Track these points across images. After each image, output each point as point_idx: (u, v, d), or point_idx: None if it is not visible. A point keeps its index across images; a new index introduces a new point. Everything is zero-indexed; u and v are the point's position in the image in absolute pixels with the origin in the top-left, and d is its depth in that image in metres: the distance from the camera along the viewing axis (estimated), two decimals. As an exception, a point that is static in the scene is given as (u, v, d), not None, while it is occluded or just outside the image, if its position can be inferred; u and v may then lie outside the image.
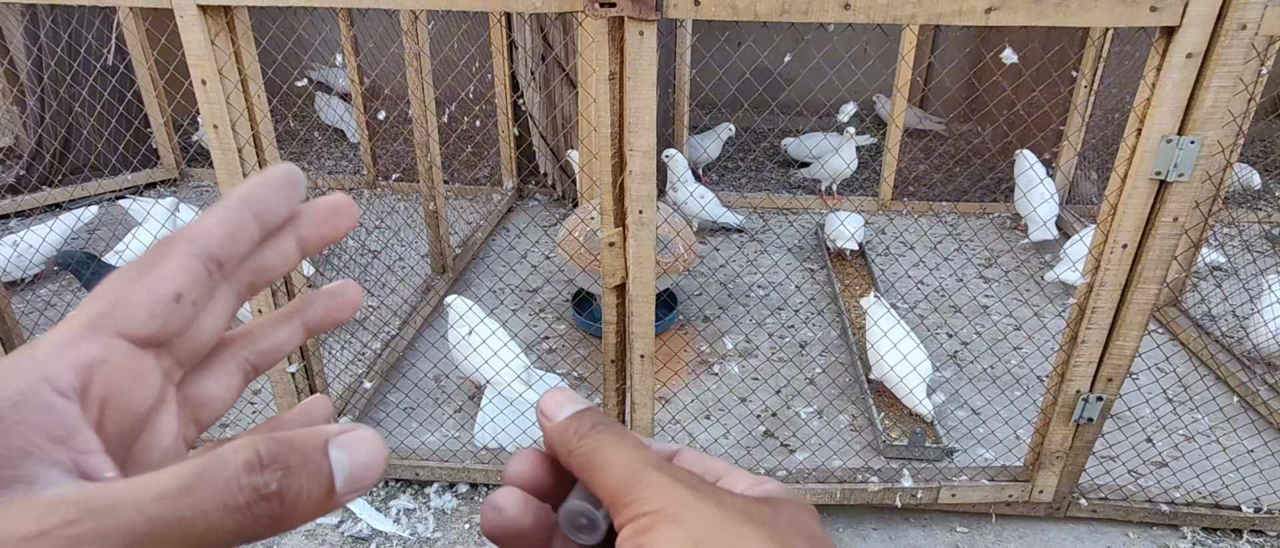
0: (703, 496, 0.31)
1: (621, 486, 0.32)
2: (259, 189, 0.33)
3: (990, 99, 5.19)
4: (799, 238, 4.33)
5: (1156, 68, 1.67)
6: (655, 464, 0.33)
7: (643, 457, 0.33)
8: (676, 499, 0.31)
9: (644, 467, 0.32)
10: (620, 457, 0.33)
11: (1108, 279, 1.90)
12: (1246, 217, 4.42)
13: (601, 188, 1.91)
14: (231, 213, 0.32)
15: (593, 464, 0.34)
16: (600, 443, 0.34)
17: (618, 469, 0.33)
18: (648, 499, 0.31)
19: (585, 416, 0.36)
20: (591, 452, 0.34)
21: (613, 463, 0.33)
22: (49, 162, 4.49)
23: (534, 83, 4.32)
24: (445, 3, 1.80)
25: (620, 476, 0.33)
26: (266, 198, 0.33)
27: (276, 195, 0.34)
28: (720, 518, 0.30)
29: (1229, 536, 2.39)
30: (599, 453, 0.34)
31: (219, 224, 0.32)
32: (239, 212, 0.32)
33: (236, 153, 1.94)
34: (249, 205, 0.33)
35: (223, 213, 0.32)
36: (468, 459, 2.50)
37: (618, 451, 0.34)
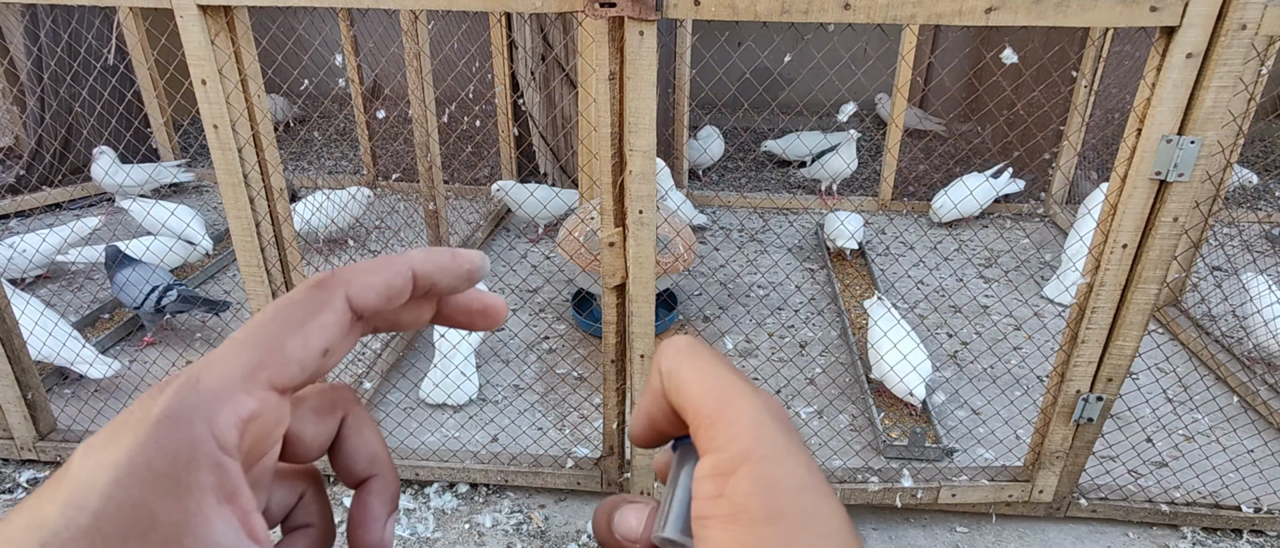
0: (793, 445, 0.29)
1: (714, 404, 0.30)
2: (436, 271, 0.33)
3: (990, 99, 5.19)
4: (799, 238, 4.33)
5: (1156, 68, 1.67)
6: (750, 389, 0.30)
7: (734, 376, 0.31)
8: (767, 442, 0.28)
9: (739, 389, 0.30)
10: (710, 370, 0.31)
11: (1108, 279, 1.90)
12: (1246, 217, 4.42)
13: (601, 188, 1.91)
14: (399, 281, 0.32)
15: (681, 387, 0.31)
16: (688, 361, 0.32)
17: (708, 383, 0.30)
18: (738, 430, 0.29)
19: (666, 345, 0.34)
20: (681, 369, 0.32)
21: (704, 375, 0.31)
22: (49, 162, 4.49)
23: (534, 83, 4.32)
24: (445, 3, 1.80)
25: (711, 391, 0.30)
26: (439, 279, 0.33)
27: (450, 279, 0.34)
28: (807, 481, 0.28)
29: (1229, 536, 2.39)
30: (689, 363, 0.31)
31: (384, 289, 0.31)
32: (406, 282, 0.32)
33: (236, 153, 1.94)
34: (419, 281, 0.33)
35: (389, 275, 0.32)
36: (468, 459, 2.50)
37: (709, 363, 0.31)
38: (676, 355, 0.32)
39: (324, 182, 4.89)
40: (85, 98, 4.41)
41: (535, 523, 2.43)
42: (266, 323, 0.29)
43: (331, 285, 0.30)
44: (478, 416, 2.80)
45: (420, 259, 0.33)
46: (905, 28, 4.08)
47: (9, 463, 2.63)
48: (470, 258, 0.34)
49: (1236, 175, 4.31)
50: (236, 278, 3.73)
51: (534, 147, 4.63)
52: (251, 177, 2.00)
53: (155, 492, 0.25)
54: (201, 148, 5.20)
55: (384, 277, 0.31)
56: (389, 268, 0.32)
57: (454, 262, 0.33)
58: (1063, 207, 4.53)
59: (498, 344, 3.26)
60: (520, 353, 3.21)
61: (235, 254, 2.12)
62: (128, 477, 0.25)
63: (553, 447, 2.57)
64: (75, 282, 3.65)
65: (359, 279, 0.31)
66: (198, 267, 3.79)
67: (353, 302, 0.31)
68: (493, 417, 2.78)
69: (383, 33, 5.01)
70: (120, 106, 4.35)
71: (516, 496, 2.54)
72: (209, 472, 0.26)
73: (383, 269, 0.31)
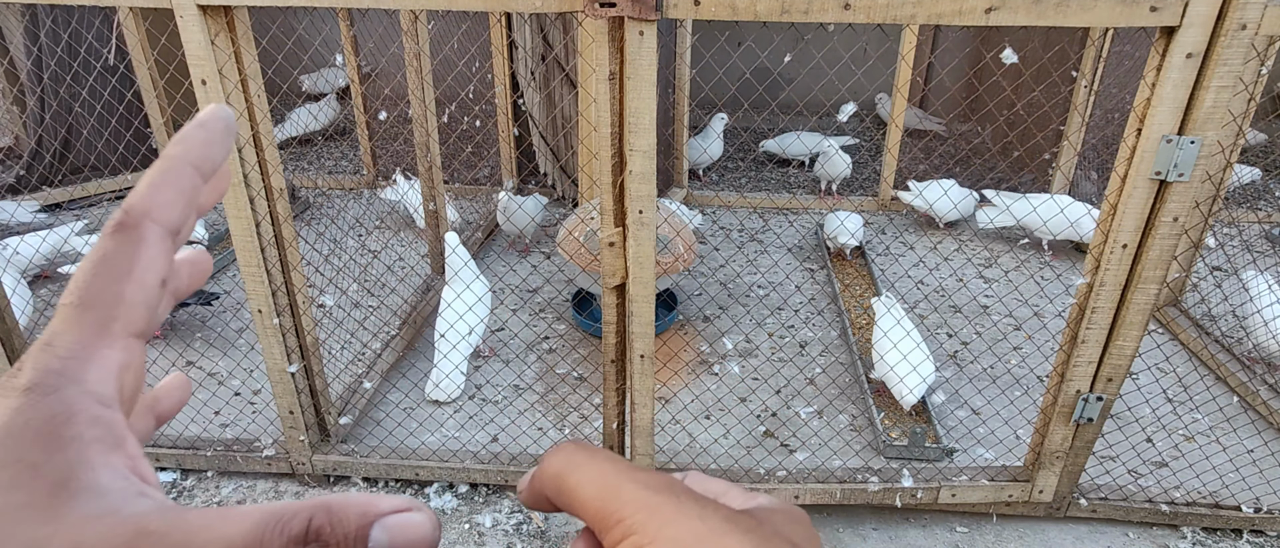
0: (685, 507, 0.29)
1: (600, 504, 0.30)
2: (206, 149, 0.32)
3: (990, 99, 5.19)
4: (799, 238, 4.33)
5: (1156, 68, 1.67)
6: (630, 475, 0.31)
7: (615, 468, 0.31)
8: (658, 515, 0.29)
9: (619, 479, 0.31)
10: (591, 473, 0.31)
11: (1108, 279, 1.90)
12: (1247, 217, 4.42)
13: (601, 188, 1.91)
14: (187, 182, 0.31)
15: (566, 488, 0.32)
16: (569, 464, 0.32)
17: (591, 486, 0.31)
18: (629, 516, 0.29)
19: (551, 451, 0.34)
20: (560, 475, 0.32)
21: (585, 481, 0.31)
22: (49, 162, 4.49)
23: (534, 83, 4.32)
24: (445, 3, 1.80)
25: (595, 491, 0.31)
26: (212, 156, 0.33)
27: (220, 150, 0.33)
28: (703, 530, 0.29)
29: (1229, 536, 2.39)
30: (569, 474, 0.32)
31: (180, 197, 0.31)
32: (193, 179, 0.32)
33: (236, 153, 1.94)
34: (200, 169, 0.32)
35: (180, 183, 0.31)
36: (468, 460, 2.50)
37: (588, 468, 0.31)
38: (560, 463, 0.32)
39: (324, 182, 4.89)
40: (85, 98, 4.41)
41: (535, 523, 2.43)
42: (94, 281, 0.29)
43: (135, 222, 0.30)
44: (478, 416, 2.80)
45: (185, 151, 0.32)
46: (905, 28, 4.08)
47: None
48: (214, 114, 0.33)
49: (1237, 174, 4.31)
50: (236, 278, 3.73)
51: (534, 147, 4.63)
52: (251, 177, 2.00)
53: (35, 447, 0.26)
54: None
55: (176, 188, 0.31)
56: (173, 177, 0.31)
57: (207, 130, 0.33)
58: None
59: (498, 344, 3.26)
60: (520, 353, 3.21)
61: (235, 254, 2.12)
62: (6, 437, 0.26)
63: (553, 447, 2.57)
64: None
65: (158, 204, 0.31)
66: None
67: (164, 226, 0.31)
68: (493, 417, 2.78)
69: (383, 33, 5.01)
70: (120, 106, 4.34)
71: (516, 496, 2.54)
72: (90, 426, 0.27)
73: (171, 181, 0.31)
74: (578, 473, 0.31)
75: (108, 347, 0.29)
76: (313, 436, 2.48)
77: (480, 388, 2.96)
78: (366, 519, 0.28)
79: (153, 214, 0.30)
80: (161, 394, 0.38)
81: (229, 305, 3.50)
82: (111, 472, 0.27)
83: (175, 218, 0.31)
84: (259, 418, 2.74)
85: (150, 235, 0.30)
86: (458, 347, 2.84)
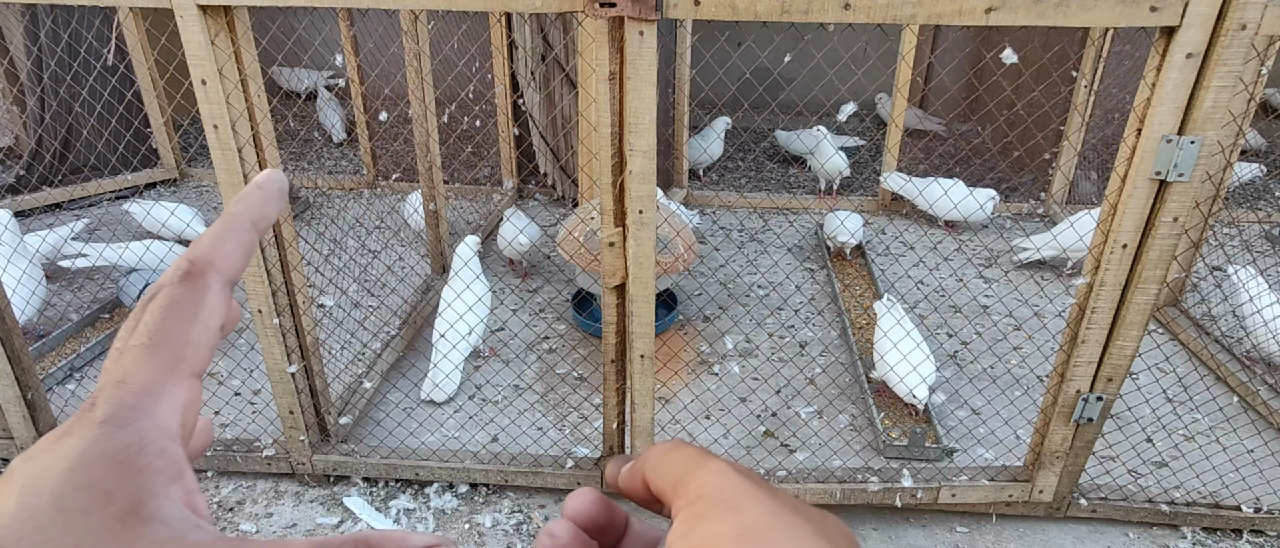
0: (759, 486, 0.32)
1: (681, 474, 0.34)
2: (264, 208, 0.36)
3: (990, 99, 5.19)
4: (799, 238, 4.33)
5: (1156, 68, 1.67)
6: (717, 457, 0.34)
7: (705, 453, 0.35)
8: (732, 486, 0.32)
9: (706, 458, 0.34)
10: (686, 451, 0.35)
11: (1108, 279, 1.90)
12: (1246, 217, 4.42)
13: (601, 188, 1.91)
14: (247, 236, 0.35)
15: (660, 463, 0.35)
16: (670, 446, 0.36)
17: (680, 463, 0.34)
18: (705, 483, 0.32)
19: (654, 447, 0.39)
20: (661, 453, 0.36)
21: (676, 459, 0.35)
22: (49, 162, 4.49)
23: (534, 83, 4.32)
24: (445, 3, 1.80)
25: (681, 467, 0.34)
26: (269, 216, 0.36)
27: (274, 210, 0.37)
28: (773, 506, 0.31)
29: (1229, 536, 2.39)
30: (664, 455, 0.36)
31: (240, 250, 0.35)
32: (251, 234, 0.35)
33: (236, 153, 1.94)
34: (257, 226, 0.36)
35: (240, 237, 0.35)
36: (468, 459, 2.50)
37: (684, 449, 0.35)
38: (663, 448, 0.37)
39: (324, 182, 4.89)
40: (85, 98, 4.40)
41: (535, 523, 2.43)
42: (164, 325, 0.32)
43: (201, 272, 0.33)
44: (478, 416, 2.80)
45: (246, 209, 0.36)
46: (905, 28, 4.08)
47: (8, 463, 2.63)
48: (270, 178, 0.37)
49: (1237, 173, 4.31)
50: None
51: (534, 147, 4.63)
52: (251, 177, 2.00)
53: (110, 474, 0.28)
54: (201, 148, 5.20)
55: (238, 242, 0.35)
56: (237, 233, 0.35)
57: (264, 193, 0.36)
58: (1063, 207, 4.53)
59: (498, 344, 3.26)
60: (520, 353, 3.21)
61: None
62: (82, 465, 0.28)
63: (553, 447, 2.57)
64: (75, 282, 3.65)
65: (221, 256, 0.34)
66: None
67: (226, 276, 0.34)
68: (493, 417, 2.78)
69: (383, 33, 5.00)
70: (120, 106, 4.34)
71: (516, 496, 2.54)
72: (158, 457, 0.29)
73: (233, 236, 0.35)
74: (676, 452, 0.36)
75: (175, 385, 0.31)
76: (313, 436, 2.48)
77: (480, 388, 2.96)
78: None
79: (217, 265, 0.34)
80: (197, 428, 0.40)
81: (229, 305, 3.49)
82: (170, 502, 0.29)
83: (235, 269, 0.34)
84: (259, 418, 2.74)
85: (214, 284, 0.33)
86: (457, 347, 2.85)
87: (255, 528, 2.40)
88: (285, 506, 2.49)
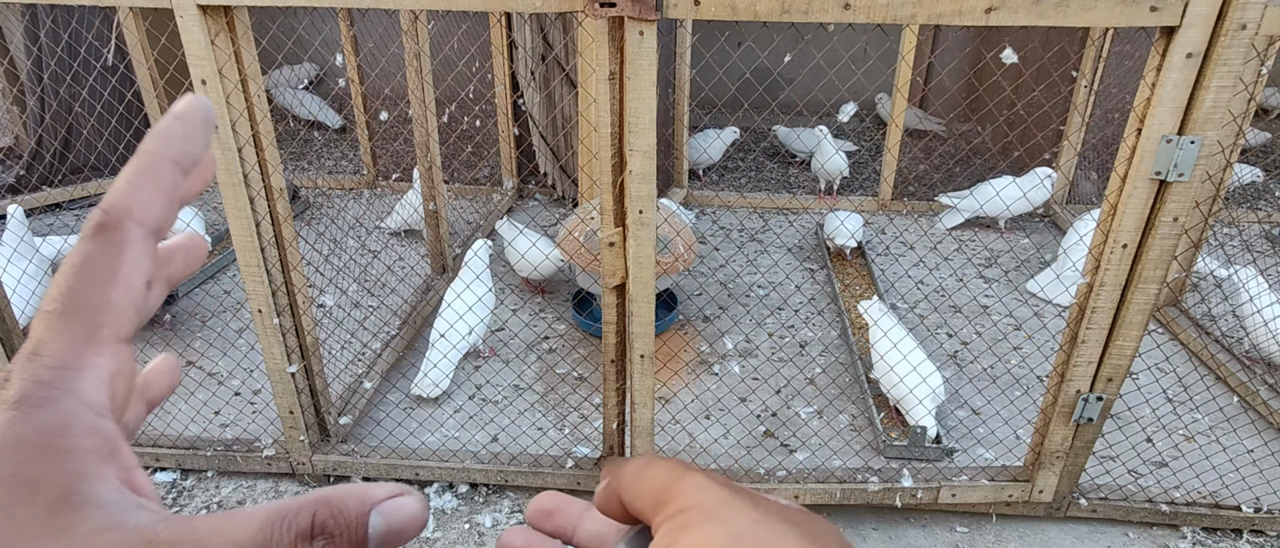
0: (740, 495, 0.31)
1: (662, 486, 0.33)
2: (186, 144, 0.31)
3: (990, 99, 5.19)
4: (799, 238, 4.33)
5: (1156, 68, 1.67)
6: (695, 469, 0.33)
7: (683, 465, 0.34)
8: (714, 497, 0.31)
9: (684, 470, 0.33)
10: (662, 466, 0.34)
11: (1108, 279, 1.90)
12: (1247, 217, 4.42)
13: (601, 188, 1.91)
14: (167, 178, 0.31)
15: (636, 482, 0.34)
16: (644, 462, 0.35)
17: (659, 477, 0.33)
18: (687, 495, 0.31)
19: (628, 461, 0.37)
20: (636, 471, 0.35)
21: (655, 473, 0.34)
22: (49, 162, 4.49)
23: (534, 83, 4.32)
24: (445, 3, 1.80)
25: (661, 479, 0.33)
26: (192, 150, 0.32)
27: (199, 143, 0.32)
28: (757, 515, 0.30)
29: (1229, 536, 2.39)
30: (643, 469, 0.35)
31: (161, 194, 0.30)
32: (173, 174, 0.31)
33: (236, 153, 1.94)
34: (180, 163, 0.31)
35: (160, 180, 0.31)
36: (468, 460, 2.50)
37: (660, 464, 0.34)
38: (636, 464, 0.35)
39: (324, 182, 4.89)
40: (85, 98, 4.40)
41: (535, 523, 2.43)
42: (77, 286, 0.29)
43: (116, 223, 0.29)
44: (478, 416, 2.80)
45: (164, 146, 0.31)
46: (905, 28, 4.08)
47: None
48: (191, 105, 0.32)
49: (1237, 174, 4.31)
50: (236, 278, 3.73)
51: (534, 147, 4.63)
52: (251, 177, 2.00)
53: (32, 460, 0.25)
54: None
55: (156, 185, 0.30)
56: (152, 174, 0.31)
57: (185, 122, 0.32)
58: (1063, 206, 4.53)
59: (498, 344, 3.26)
60: (520, 353, 3.21)
61: (235, 254, 2.12)
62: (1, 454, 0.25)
63: (553, 447, 2.57)
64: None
65: (138, 203, 0.30)
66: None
67: (146, 226, 0.30)
68: (493, 417, 2.78)
69: (383, 33, 5.00)
70: (120, 106, 4.34)
71: (516, 496, 2.53)
72: (87, 436, 0.27)
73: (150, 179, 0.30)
74: (651, 468, 0.34)
75: (97, 354, 0.28)
76: (313, 435, 2.48)
77: (480, 388, 2.96)
78: (365, 508, 0.29)
79: (134, 214, 0.30)
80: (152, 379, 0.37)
81: (229, 305, 3.50)
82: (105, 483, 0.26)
83: (157, 216, 0.30)
84: (259, 418, 2.74)
85: (132, 236, 0.30)
86: (457, 347, 2.85)
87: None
88: (285, 506, 2.48)
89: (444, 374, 2.85)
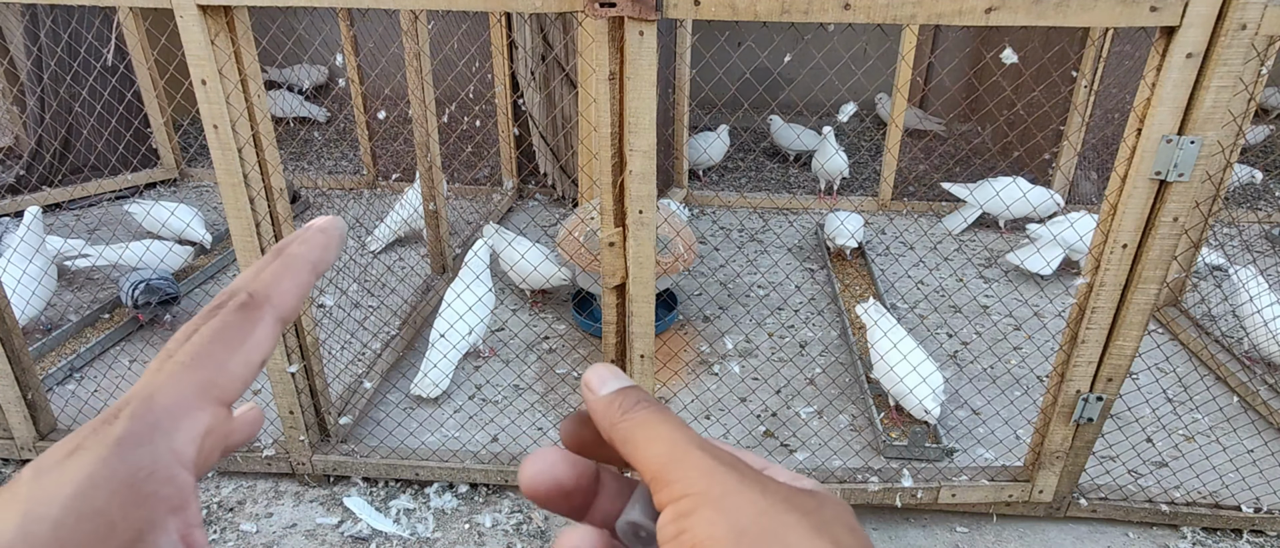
0: (747, 481, 0.30)
1: (664, 462, 0.32)
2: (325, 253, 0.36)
3: (990, 99, 5.19)
4: (799, 238, 4.33)
5: (1156, 68, 1.67)
6: (699, 444, 0.32)
7: (686, 435, 0.33)
8: (720, 483, 0.30)
9: (687, 445, 0.32)
10: (663, 433, 0.33)
11: (1108, 279, 1.90)
12: (1247, 217, 4.42)
13: (601, 188, 1.91)
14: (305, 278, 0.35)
15: (634, 440, 0.33)
16: (643, 419, 0.34)
17: (660, 444, 0.32)
18: (691, 480, 0.31)
19: (629, 392, 0.36)
20: (634, 427, 0.34)
21: (655, 438, 0.33)
22: (49, 162, 4.49)
23: (534, 83, 4.32)
24: (445, 3, 1.80)
25: (663, 451, 0.32)
26: (328, 261, 0.37)
27: (334, 256, 0.37)
28: (764, 505, 0.29)
29: (1229, 536, 2.39)
30: (641, 428, 0.33)
31: (298, 295, 0.35)
32: (310, 277, 0.36)
33: (236, 153, 1.94)
34: (316, 269, 0.36)
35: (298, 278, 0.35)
36: (468, 459, 2.50)
37: (660, 427, 0.33)
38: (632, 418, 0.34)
39: (324, 182, 4.89)
40: (85, 98, 4.40)
41: (535, 523, 2.43)
42: (210, 350, 0.32)
43: (259, 305, 0.33)
44: (478, 416, 2.80)
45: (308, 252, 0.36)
46: (905, 28, 4.08)
47: (9, 463, 2.63)
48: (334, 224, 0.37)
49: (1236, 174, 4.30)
50: (236, 277, 3.73)
51: (534, 147, 4.63)
52: (251, 177, 2.00)
53: (117, 502, 0.27)
54: (201, 148, 5.20)
55: (296, 283, 0.35)
56: (297, 274, 0.35)
57: (327, 237, 0.37)
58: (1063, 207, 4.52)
59: (498, 344, 3.26)
60: (520, 353, 3.21)
61: (235, 254, 2.12)
62: (91, 489, 0.27)
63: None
64: (76, 281, 3.65)
65: (279, 294, 0.34)
66: (198, 267, 3.79)
67: (279, 314, 0.34)
68: (493, 417, 2.78)
69: (383, 33, 5.00)
70: (120, 107, 4.34)
71: (516, 496, 2.54)
72: (165, 484, 0.28)
73: (293, 276, 0.35)
74: (649, 430, 0.33)
75: (201, 410, 0.31)
76: (313, 435, 2.48)
77: (480, 388, 2.96)
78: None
79: (273, 301, 0.34)
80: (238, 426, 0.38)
81: (229, 305, 3.49)
82: (168, 537, 0.28)
83: (290, 309, 0.35)
84: (259, 418, 2.74)
85: (267, 319, 0.33)
86: (456, 347, 2.85)
87: (256, 528, 2.40)
88: (285, 506, 2.49)
89: (444, 374, 2.85)
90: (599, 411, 0.35)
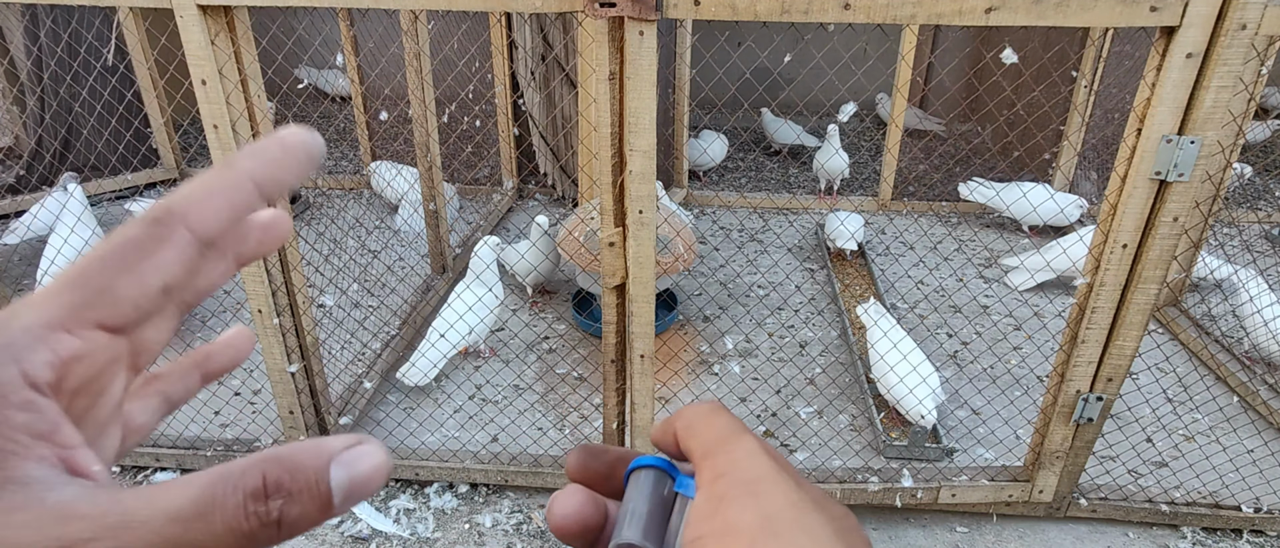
0: (784, 473, 0.32)
1: (714, 441, 0.34)
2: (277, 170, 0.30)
3: (990, 99, 5.19)
4: (799, 238, 4.33)
5: (1156, 68, 1.67)
6: (751, 434, 0.34)
7: (741, 424, 0.35)
8: (758, 469, 0.32)
9: (738, 433, 0.34)
10: (718, 421, 0.35)
11: (1108, 279, 1.90)
12: (1246, 217, 4.42)
13: (601, 188, 1.91)
14: (243, 198, 0.30)
15: (692, 427, 0.36)
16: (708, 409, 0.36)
17: (713, 432, 0.35)
18: (734, 461, 0.32)
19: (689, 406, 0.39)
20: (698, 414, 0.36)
21: (710, 425, 0.35)
22: (49, 162, 4.49)
23: (534, 83, 4.32)
24: (445, 3, 1.80)
25: (714, 437, 0.34)
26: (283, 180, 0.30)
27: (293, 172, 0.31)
28: (795, 498, 0.31)
29: (1229, 536, 2.39)
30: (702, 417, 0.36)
31: (228, 211, 0.29)
32: (251, 197, 0.30)
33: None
34: (263, 188, 0.30)
35: (232, 194, 0.29)
36: (468, 460, 2.50)
37: (721, 416, 0.36)
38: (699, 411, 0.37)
39: (324, 182, 4.89)
40: (85, 98, 4.40)
41: (535, 523, 2.43)
42: (96, 262, 0.28)
43: (169, 219, 0.28)
44: (478, 416, 2.80)
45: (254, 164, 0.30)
46: (905, 28, 4.08)
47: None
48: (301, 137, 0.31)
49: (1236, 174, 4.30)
50: (236, 278, 3.73)
51: (534, 147, 4.63)
52: (251, 177, 2.00)
53: None
54: (201, 148, 5.20)
55: (228, 200, 0.29)
56: (228, 185, 0.29)
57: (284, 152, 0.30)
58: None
59: (498, 344, 3.26)
60: (520, 353, 3.21)
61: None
62: None
63: (553, 447, 2.57)
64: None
65: (198, 207, 0.29)
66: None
67: (197, 232, 0.29)
68: (493, 417, 2.78)
69: (383, 33, 5.00)
70: (120, 106, 4.34)
71: (516, 496, 2.54)
72: (18, 410, 0.25)
73: (222, 189, 0.29)
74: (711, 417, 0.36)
75: (67, 331, 0.27)
76: (313, 436, 2.48)
77: (480, 388, 2.96)
78: (322, 461, 0.27)
79: (190, 218, 0.29)
80: (215, 350, 0.36)
81: (229, 305, 3.50)
82: (37, 461, 0.25)
83: (212, 230, 0.29)
84: (259, 418, 2.74)
85: (176, 239, 0.29)
86: (456, 345, 2.85)
87: (255, 528, 2.39)
88: (285, 506, 2.48)
89: (432, 364, 2.84)
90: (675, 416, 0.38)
